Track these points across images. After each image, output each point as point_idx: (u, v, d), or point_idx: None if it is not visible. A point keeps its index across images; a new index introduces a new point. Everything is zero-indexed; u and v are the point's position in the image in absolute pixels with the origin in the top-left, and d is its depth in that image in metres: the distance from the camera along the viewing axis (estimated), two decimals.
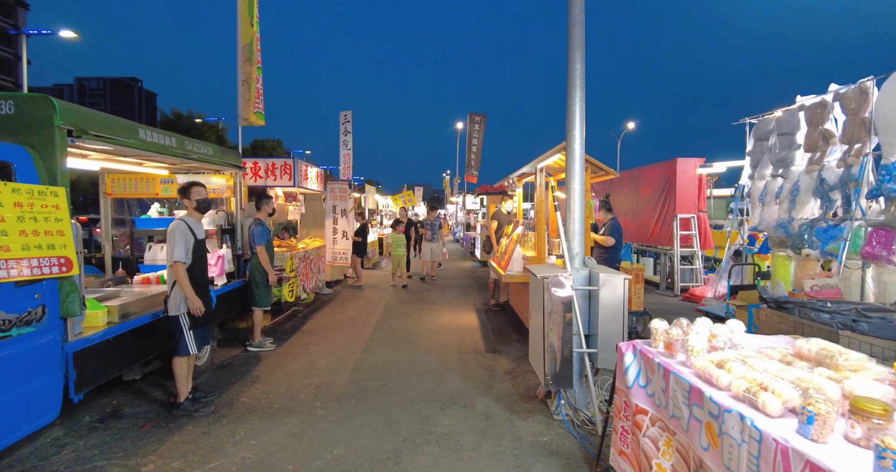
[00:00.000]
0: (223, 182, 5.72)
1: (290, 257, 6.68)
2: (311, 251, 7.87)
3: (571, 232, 3.65)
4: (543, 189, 5.60)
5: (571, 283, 3.39)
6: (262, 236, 5.38)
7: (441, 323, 6.85)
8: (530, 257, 5.66)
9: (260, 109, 6.20)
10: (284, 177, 6.90)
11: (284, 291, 6.63)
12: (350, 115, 17.23)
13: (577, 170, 3.65)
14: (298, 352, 5.52)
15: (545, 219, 5.66)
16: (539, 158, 5.59)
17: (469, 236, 18.60)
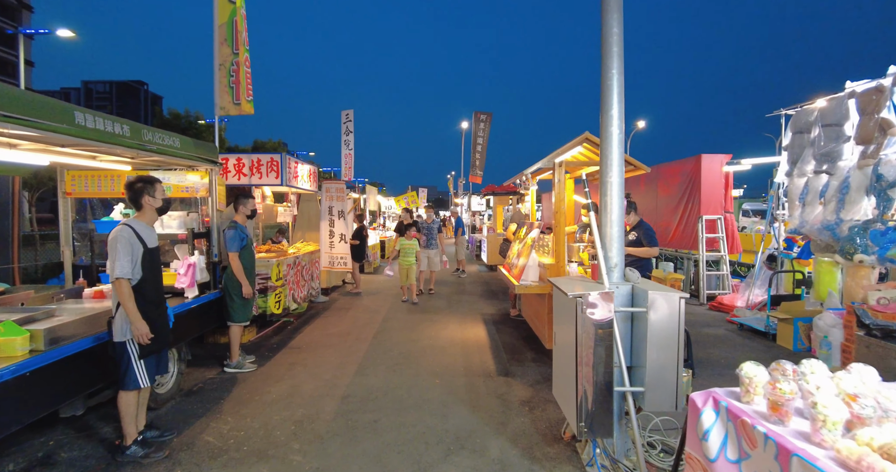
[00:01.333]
0: (198, 179, 5.03)
1: (276, 264, 5.98)
2: (303, 257, 7.17)
3: (608, 237, 2.92)
4: (562, 186, 4.87)
5: (612, 303, 2.66)
6: (234, 240, 4.68)
7: (445, 337, 6.12)
8: (548, 264, 4.93)
9: (247, 97, 5.48)
10: (271, 175, 6.21)
11: (270, 302, 5.93)
12: (352, 114, 16.61)
13: (615, 159, 2.92)
14: (282, 374, 4.81)
15: (564, 220, 4.93)
16: (556, 152, 4.87)
17: (475, 239, 17.87)
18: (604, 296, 2.64)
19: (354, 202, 11.34)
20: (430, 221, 9.36)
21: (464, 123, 26.20)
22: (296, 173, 6.70)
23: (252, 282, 4.98)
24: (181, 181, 5.00)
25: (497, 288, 10.20)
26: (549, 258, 5.25)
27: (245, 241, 4.82)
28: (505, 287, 10.16)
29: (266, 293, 5.91)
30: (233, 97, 5.29)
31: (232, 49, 5.29)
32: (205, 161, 4.77)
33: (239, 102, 5.32)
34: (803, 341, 5.62)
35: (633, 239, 5.21)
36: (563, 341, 3.05)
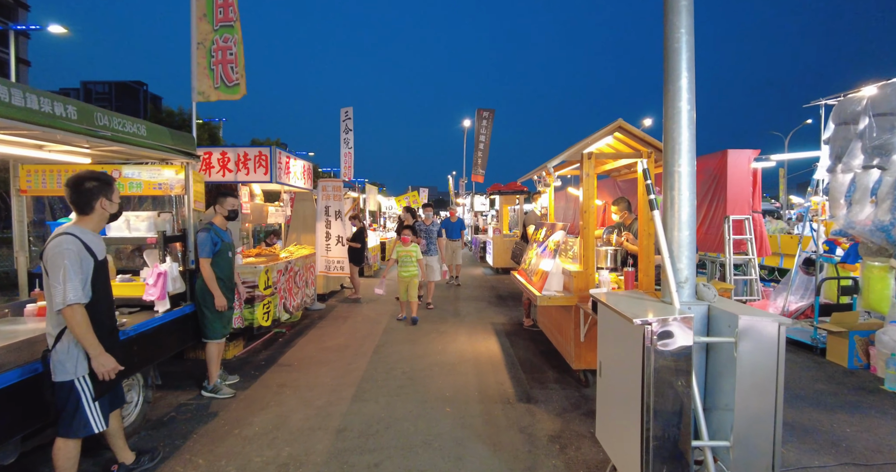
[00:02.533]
0: (172, 175, 4.38)
1: (264, 271, 5.32)
2: (297, 261, 6.52)
3: (676, 243, 2.27)
4: (592, 181, 4.23)
5: (691, 331, 2.00)
6: (205, 244, 4.04)
7: (454, 352, 5.47)
8: (574, 272, 4.28)
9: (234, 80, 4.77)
10: (260, 170, 5.56)
11: (258, 313, 5.27)
12: (351, 111, 16.00)
13: (685, 143, 2.27)
14: (268, 399, 4.16)
15: (594, 221, 4.28)
16: (585, 142, 4.23)
17: (478, 240, 17.21)
18: (682, 322, 1.99)
19: (354, 202, 10.70)
20: (430, 222, 8.05)
21: (466, 121, 25.59)
22: (288, 169, 6.05)
23: (229, 292, 4.33)
24: (153, 177, 4.36)
25: (506, 293, 9.55)
26: (575, 265, 4.60)
27: (219, 245, 4.17)
28: (515, 292, 9.51)
29: (253, 303, 5.26)
30: (214, 80, 4.62)
31: (212, 25, 4.63)
32: (180, 153, 4.12)
33: (219, 86, 4.65)
34: (860, 358, 4.98)
35: None
36: (616, 374, 2.40)
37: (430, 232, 7.94)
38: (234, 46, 4.74)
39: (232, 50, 4.81)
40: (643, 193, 4.29)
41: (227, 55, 4.79)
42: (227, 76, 4.66)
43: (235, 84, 4.70)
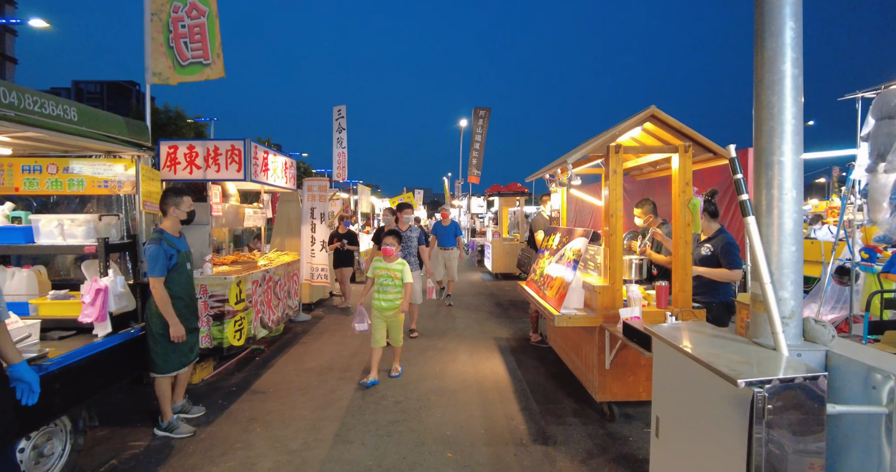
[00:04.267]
0: (122, 171, 3.68)
1: (235, 282, 4.62)
2: (277, 270, 5.82)
3: (777, 263, 1.61)
4: (618, 179, 3.58)
5: (825, 397, 1.34)
6: (155, 259, 3.29)
7: (454, 375, 4.79)
8: (598, 286, 3.62)
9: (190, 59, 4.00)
10: (232, 167, 4.87)
11: (228, 331, 4.57)
12: (344, 110, 15.36)
13: (790, 120, 1.62)
14: (233, 439, 3.46)
15: (621, 226, 3.63)
16: (611, 133, 3.57)
17: (476, 244, 16.56)
18: (812, 385, 1.32)
19: (344, 203, 10.01)
20: (407, 227, 6.10)
21: (462, 121, 24.97)
22: (266, 166, 5.36)
23: (190, 312, 3.64)
24: (99, 173, 3.66)
25: (506, 301, 8.88)
26: (598, 278, 3.94)
27: (175, 258, 3.45)
28: (517, 300, 8.84)
29: (222, 320, 4.56)
30: (174, 59, 3.90)
31: None
32: (128, 145, 3.43)
33: (187, 65, 3.92)
34: None
35: (706, 254, 3.92)
36: (689, 443, 1.74)
37: (406, 240, 5.96)
38: (201, 18, 4.02)
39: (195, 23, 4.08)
40: (677, 192, 3.64)
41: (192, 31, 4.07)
42: (181, 54, 3.92)
43: (195, 63, 3.97)
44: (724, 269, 3.80)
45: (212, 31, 3.89)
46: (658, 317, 3.58)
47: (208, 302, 4.55)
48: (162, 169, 4.87)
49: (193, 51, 3.90)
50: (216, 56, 3.94)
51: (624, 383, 3.67)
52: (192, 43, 3.89)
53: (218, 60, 3.96)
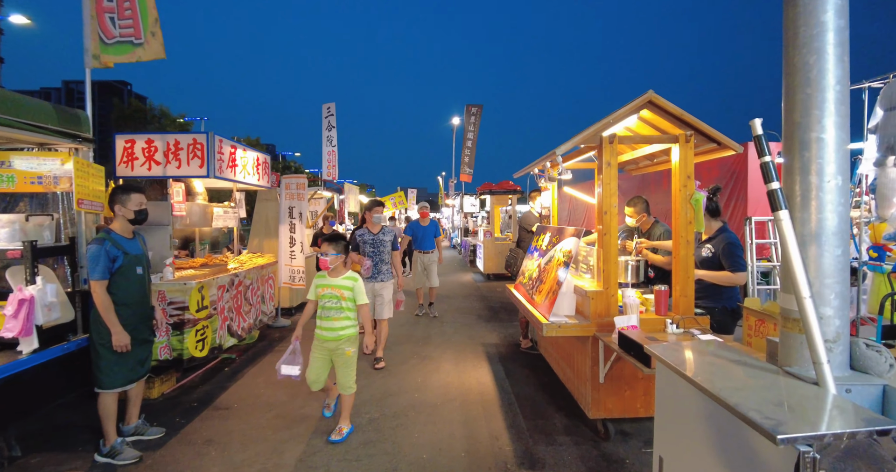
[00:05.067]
0: (58, 166, 3.29)
1: (197, 288, 4.23)
2: (249, 273, 5.43)
3: (816, 271, 1.25)
4: (613, 172, 3.23)
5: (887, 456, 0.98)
6: (96, 261, 2.94)
7: (437, 387, 4.42)
8: (590, 291, 3.26)
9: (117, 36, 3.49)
10: (195, 162, 4.47)
11: (188, 341, 4.18)
12: (333, 107, 14.95)
13: (833, 85, 1.26)
14: (182, 466, 3.08)
15: (615, 225, 3.27)
16: (604, 122, 3.21)
17: (468, 243, 16.20)
18: (877, 443, 0.96)
19: (328, 203, 9.62)
20: (378, 230, 5.12)
21: (455, 119, 24.61)
22: (233, 162, 4.96)
23: (141, 322, 3.26)
24: (31, 167, 3.26)
25: (498, 304, 8.53)
26: (591, 281, 3.58)
27: (120, 260, 3.08)
28: (508, 303, 8.49)
29: (182, 330, 4.16)
30: (103, 36, 3.44)
31: None
32: (59, 135, 3.04)
33: (112, 43, 3.46)
34: None
35: (707, 255, 3.58)
36: None
37: (377, 244, 5.05)
38: None
39: None
40: (678, 187, 3.29)
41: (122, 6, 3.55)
42: (105, 30, 3.48)
43: (124, 42, 3.49)
44: (726, 271, 3.46)
45: (143, 6, 3.46)
46: (657, 325, 3.23)
47: (167, 310, 4.16)
48: (118, 165, 4.49)
49: (122, 28, 3.46)
50: (150, 35, 3.51)
51: (620, 399, 3.32)
52: (122, 19, 3.45)
53: (153, 40, 3.52)
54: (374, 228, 5.09)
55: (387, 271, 5.09)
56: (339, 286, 3.39)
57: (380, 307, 5.03)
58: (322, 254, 3.39)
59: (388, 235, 5.12)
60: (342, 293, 3.39)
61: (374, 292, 4.95)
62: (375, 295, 4.96)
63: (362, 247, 5.02)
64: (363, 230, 5.09)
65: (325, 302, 3.40)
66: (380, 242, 5.04)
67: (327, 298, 3.39)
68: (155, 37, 3.49)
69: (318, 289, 3.44)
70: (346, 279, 3.43)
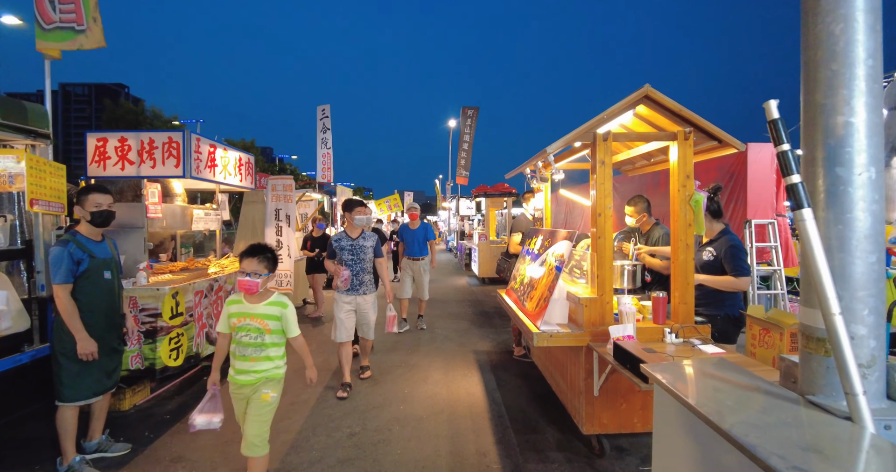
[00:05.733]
0: (13, 163, 3.07)
1: (170, 294, 4.01)
2: (231, 278, 5.21)
3: (848, 278, 1.04)
4: (607, 171, 3.03)
5: None
6: (58, 264, 2.76)
7: (424, 399, 4.20)
8: (584, 298, 3.05)
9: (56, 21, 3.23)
10: (170, 162, 4.26)
11: (161, 350, 3.96)
12: (328, 109, 14.82)
13: (865, 59, 1.06)
14: None
15: (610, 228, 3.07)
16: (599, 118, 3.02)
17: (464, 246, 16.00)
18: None
19: (318, 205, 9.41)
20: (358, 235, 4.41)
21: (451, 121, 24.47)
22: (212, 161, 4.75)
23: (108, 330, 3.04)
24: None
25: (492, 309, 8.31)
26: (585, 287, 3.37)
27: (86, 263, 2.88)
28: (503, 308, 8.28)
29: (155, 338, 3.94)
30: (41, 21, 3.20)
31: None
32: (8, 130, 2.83)
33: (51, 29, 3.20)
34: None
35: (709, 259, 3.38)
36: None
37: (357, 251, 4.33)
38: None
39: None
40: (677, 187, 3.09)
41: None
42: (45, 14, 3.24)
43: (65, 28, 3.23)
44: (728, 276, 3.26)
45: None
46: (655, 334, 3.03)
47: (139, 317, 3.94)
48: (90, 165, 4.27)
49: (63, 13, 3.23)
50: (92, 20, 3.27)
51: (615, 413, 3.11)
52: (62, 3, 3.23)
53: (95, 27, 3.28)
54: (353, 232, 4.39)
55: (369, 282, 4.43)
56: (261, 316, 2.54)
57: (364, 327, 4.49)
58: (243, 273, 2.52)
59: (370, 240, 4.42)
60: (266, 325, 2.54)
61: (356, 307, 4.40)
62: (357, 311, 4.42)
63: (339, 254, 4.34)
64: (340, 235, 4.40)
65: (241, 337, 2.54)
66: (360, 248, 4.34)
67: (245, 331, 2.54)
68: (97, 23, 3.26)
69: (233, 319, 2.57)
70: (272, 306, 2.58)
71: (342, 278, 4.20)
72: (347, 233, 4.39)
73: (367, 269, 4.40)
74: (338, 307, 4.35)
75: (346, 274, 4.23)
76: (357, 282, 4.36)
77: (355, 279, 4.34)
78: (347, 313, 4.36)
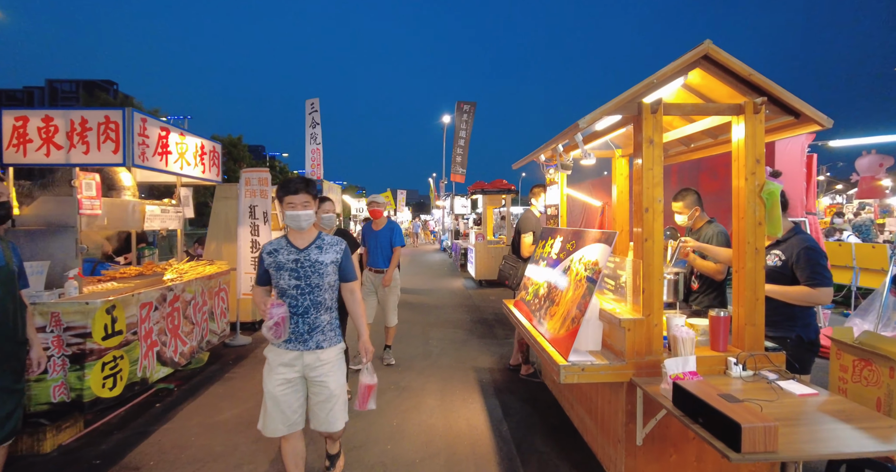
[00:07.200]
0: None
1: (104, 308, 3.25)
2: (191, 285, 4.45)
3: None
4: (656, 154, 2.32)
5: None
6: None
7: (416, 434, 3.48)
8: (626, 320, 2.35)
9: None
10: (108, 147, 3.50)
11: (91, 379, 3.20)
12: (317, 103, 14.07)
13: None
14: None
15: (658, 225, 2.37)
16: (643, 84, 2.30)
17: (459, 246, 15.30)
18: None
19: None
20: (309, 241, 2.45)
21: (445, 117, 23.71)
22: (164, 148, 3.99)
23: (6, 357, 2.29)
24: None
25: (491, 316, 7.60)
26: (622, 305, 2.66)
27: None
28: (504, 314, 7.57)
29: (83, 363, 3.19)
30: None
31: None
32: None
33: None
34: None
35: (775, 264, 2.69)
36: None
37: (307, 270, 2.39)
38: None
39: None
40: (743, 175, 2.40)
41: None
42: None
43: None
44: (803, 287, 2.57)
45: None
46: (714, 364, 2.34)
47: (63, 337, 3.18)
48: (6, 149, 3.52)
49: None
50: None
51: (664, 466, 2.41)
52: None
53: None
54: (301, 238, 2.43)
55: (329, 327, 2.45)
56: None
57: (321, 415, 2.44)
58: None
59: (331, 251, 2.44)
60: None
61: (302, 371, 2.41)
62: (308, 381, 2.43)
63: (276, 277, 2.41)
64: (280, 242, 2.44)
65: None
66: (311, 266, 2.38)
67: None
68: None
69: None
70: None
71: (270, 322, 2.28)
72: (290, 240, 2.42)
73: (322, 303, 2.42)
74: (269, 375, 2.39)
75: (278, 315, 2.29)
76: (304, 327, 2.38)
77: (300, 322, 2.38)
78: (285, 385, 2.37)
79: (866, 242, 9.99)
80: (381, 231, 4.98)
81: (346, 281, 2.53)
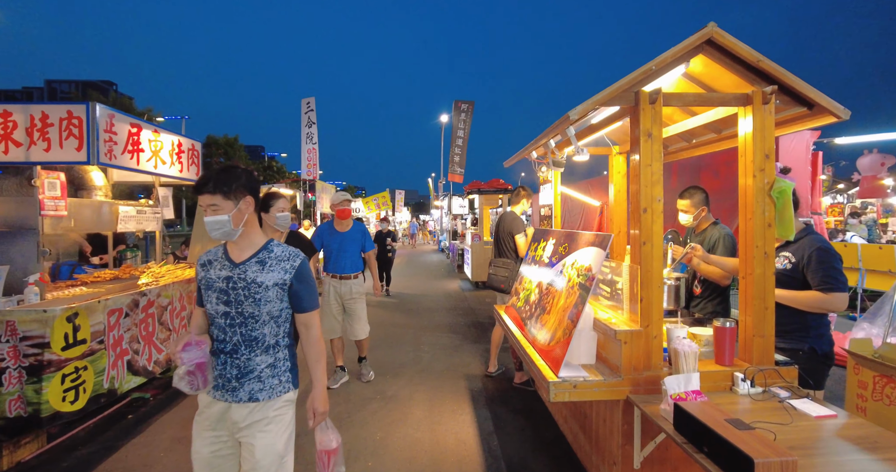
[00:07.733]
0: None
1: (64, 316, 3.04)
2: (167, 290, 4.23)
3: None
4: (655, 148, 2.10)
5: None
6: None
7: (399, 450, 3.26)
8: (621, 331, 2.13)
9: None
10: (70, 143, 3.29)
11: (50, 392, 2.99)
12: (313, 102, 13.91)
13: None
14: None
15: (658, 227, 2.15)
16: (641, 71, 2.09)
17: (456, 247, 15.09)
18: None
19: (291, 201, 8.43)
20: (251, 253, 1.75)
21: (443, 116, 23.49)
22: (135, 145, 3.78)
23: None
24: None
25: (487, 319, 7.39)
26: (618, 314, 2.44)
27: None
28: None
29: (40, 375, 2.97)
30: None
31: None
32: None
33: None
34: None
35: (785, 268, 2.48)
36: None
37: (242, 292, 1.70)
38: None
39: None
40: (751, 172, 2.18)
41: None
42: None
43: None
44: (815, 292, 2.35)
45: None
46: (719, 380, 2.13)
47: (19, 347, 2.97)
48: None
49: None
50: None
51: None
52: None
53: None
54: (238, 249, 1.76)
55: (271, 374, 1.77)
56: None
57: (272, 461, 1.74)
58: None
59: (276, 269, 1.75)
60: None
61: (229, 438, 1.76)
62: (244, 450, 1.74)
63: (205, 298, 1.78)
64: (217, 251, 1.81)
65: None
66: (248, 288, 1.71)
67: None
68: None
69: None
70: None
71: (182, 369, 1.67)
72: (227, 250, 1.78)
73: (258, 340, 1.75)
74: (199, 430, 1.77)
75: (194, 359, 1.68)
76: (231, 370, 1.74)
77: (228, 364, 1.74)
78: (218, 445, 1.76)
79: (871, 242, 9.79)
80: (349, 233, 4.46)
81: (300, 311, 1.81)
